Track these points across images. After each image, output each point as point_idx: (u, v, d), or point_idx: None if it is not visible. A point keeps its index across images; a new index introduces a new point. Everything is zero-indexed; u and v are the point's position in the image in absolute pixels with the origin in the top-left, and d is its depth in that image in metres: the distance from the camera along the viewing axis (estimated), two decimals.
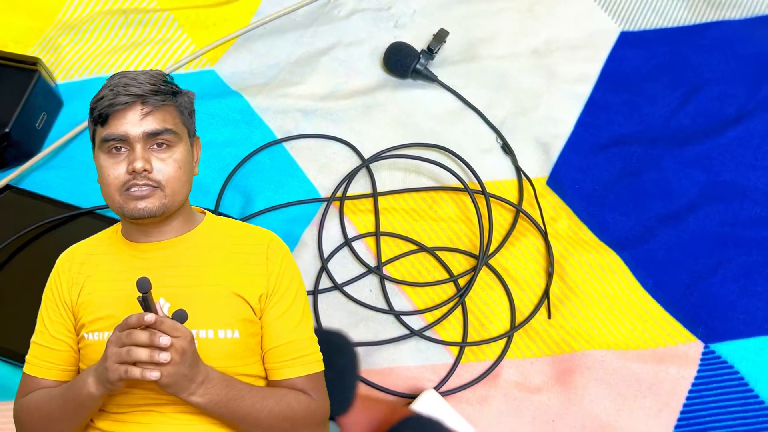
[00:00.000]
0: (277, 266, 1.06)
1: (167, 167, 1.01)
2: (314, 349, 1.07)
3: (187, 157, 1.05)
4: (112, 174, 1.01)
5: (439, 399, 1.26)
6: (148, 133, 1.00)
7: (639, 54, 1.69)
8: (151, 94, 1.01)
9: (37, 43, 1.75)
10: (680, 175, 1.55)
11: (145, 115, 1.00)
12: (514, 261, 1.46)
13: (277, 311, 1.05)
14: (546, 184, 1.55)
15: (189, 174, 1.06)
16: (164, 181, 1.01)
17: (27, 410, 1.03)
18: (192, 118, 1.10)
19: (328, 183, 1.54)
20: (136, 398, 0.99)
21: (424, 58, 1.64)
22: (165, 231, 1.06)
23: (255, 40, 1.73)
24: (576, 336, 1.38)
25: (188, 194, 1.07)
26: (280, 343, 1.04)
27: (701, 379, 1.34)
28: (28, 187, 1.54)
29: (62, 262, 1.10)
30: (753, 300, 1.40)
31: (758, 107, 1.62)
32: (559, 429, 1.31)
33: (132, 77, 1.02)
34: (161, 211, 1.01)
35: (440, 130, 1.60)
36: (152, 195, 1.00)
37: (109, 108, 1.00)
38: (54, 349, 1.05)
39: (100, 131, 1.02)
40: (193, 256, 1.05)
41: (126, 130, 1.00)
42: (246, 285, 1.03)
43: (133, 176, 1.00)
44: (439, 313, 1.41)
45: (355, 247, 1.47)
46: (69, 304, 1.05)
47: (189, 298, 1.01)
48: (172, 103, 1.04)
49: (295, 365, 1.04)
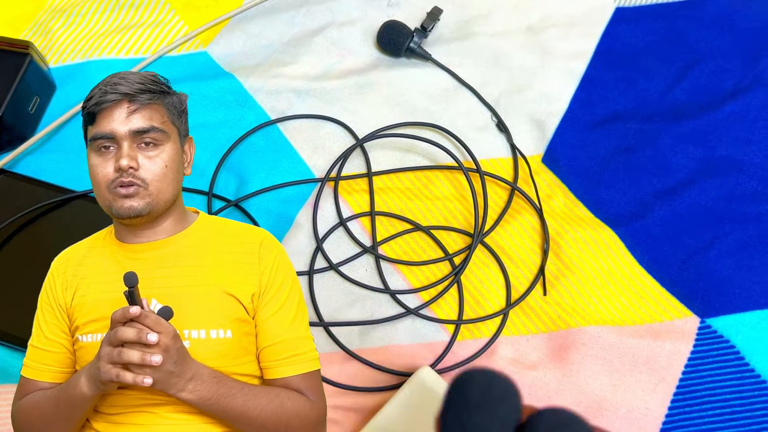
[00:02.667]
0: (269, 265, 1.06)
1: (153, 165, 1.02)
2: (310, 347, 1.07)
3: (175, 157, 1.05)
4: (101, 172, 1.02)
5: (435, 375, 1.26)
6: (135, 131, 1.01)
7: (634, 30, 1.68)
8: (138, 92, 1.02)
9: (29, 27, 1.74)
10: (676, 150, 1.54)
11: (132, 112, 1.01)
12: (510, 239, 1.46)
13: (271, 309, 1.05)
14: (541, 162, 1.54)
15: (177, 173, 1.06)
16: (149, 180, 1.01)
17: (24, 412, 1.03)
18: (183, 119, 1.10)
19: (323, 163, 1.53)
20: (131, 399, 1.00)
21: (417, 36, 1.63)
22: (157, 231, 1.07)
23: (248, 21, 1.72)
24: (572, 312, 1.38)
25: (177, 194, 1.07)
26: (274, 341, 1.04)
27: (697, 354, 1.34)
28: (22, 171, 1.54)
29: (57, 265, 1.10)
30: (748, 274, 1.40)
31: (755, 82, 1.61)
32: (556, 404, 1.31)
33: (122, 77, 1.03)
34: (147, 210, 1.02)
35: (435, 108, 1.60)
36: (137, 194, 1.01)
37: (97, 106, 1.01)
38: (50, 351, 1.06)
39: (90, 130, 1.04)
40: (185, 256, 1.05)
41: (113, 128, 1.01)
42: (238, 284, 1.03)
43: (119, 174, 1.00)
44: (434, 291, 1.41)
45: (350, 227, 1.47)
46: (64, 306, 1.05)
47: (181, 298, 1.01)
48: (160, 101, 1.05)
49: (289, 364, 1.04)
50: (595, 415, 1.31)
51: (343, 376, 1.35)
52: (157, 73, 1.08)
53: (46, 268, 1.12)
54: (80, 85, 1.64)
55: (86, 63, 1.67)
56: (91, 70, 1.66)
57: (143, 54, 1.68)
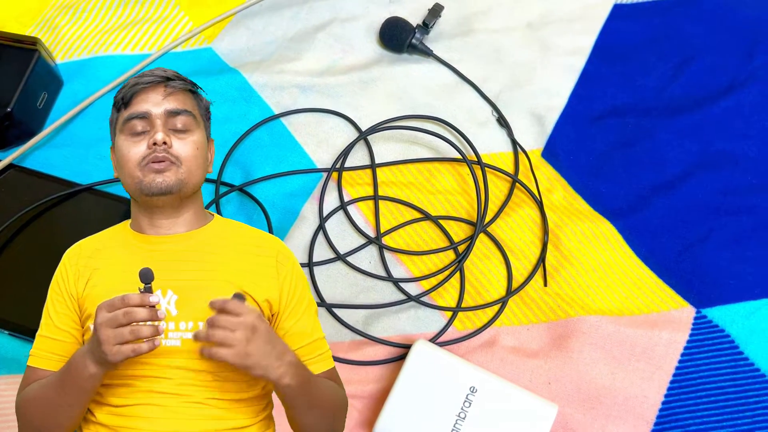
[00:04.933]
0: (288, 276, 1.09)
1: (186, 146, 1.05)
2: (327, 347, 1.12)
3: (203, 145, 1.09)
4: (132, 151, 1.04)
5: (432, 345, 1.31)
6: (170, 111, 1.05)
7: (632, 26, 1.71)
8: (174, 78, 1.07)
9: (36, 23, 1.76)
10: (673, 145, 1.57)
11: (168, 95, 1.05)
12: (510, 232, 1.49)
13: (294, 317, 1.09)
14: (541, 156, 1.57)
15: (204, 162, 1.09)
16: (182, 158, 1.04)
17: (29, 400, 1.02)
18: (207, 121, 1.14)
19: (327, 157, 1.56)
20: (137, 392, 1.00)
21: (419, 32, 1.65)
22: (176, 224, 1.09)
23: (252, 17, 1.74)
24: (571, 303, 1.41)
25: (202, 181, 1.10)
26: (301, 344, 1.08)
27: (693, 343, 1.38)
28: (30, 165, 1.56)
29: (69, 256, 1.11)
30: (743, 265, 1.43)
31: (750, 77, 1.64)
32: (555, 390, 1.35)
33: (157, 68, 1.09)
34: (178, 187, 1.04)
35: (436, 104, 1.62)
36: (169, 169, 1.03)
37: (134, 88, 1.05)
38: (59, 341, 1.06)
39: (123, 114, 1.06)
40: (202, 252, 1.07)
41: (148, 108, 1.04)
42: (254, 284, 1.06)
43: (153, 150, 1.03)
44: (436, 280, 1.45)
45: (354, 219, 1.50)
46: (75, 295, 1.06)
47: (197, 291, 1.02)
48: (192, 94, 1.10)
49: (316, 362, 1.09)
50: (594, 403, 1.34)
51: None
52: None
53: (54, 261, 1.13)
54: (87, 81, 1.66)
55: (93, 59, 1.69)
56: (98, 65, 1.68)
57: (149, 50, 1.71)
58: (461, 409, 1.25)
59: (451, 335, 1.40)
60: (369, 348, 1.40)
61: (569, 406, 1.34)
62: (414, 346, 1.30)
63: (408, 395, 1.27)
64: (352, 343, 1.41)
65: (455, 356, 1.31)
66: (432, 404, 1.26)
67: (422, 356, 1.29)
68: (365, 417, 1.36)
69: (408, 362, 1.29)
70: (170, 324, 1.01)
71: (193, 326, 1.01)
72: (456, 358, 1.30)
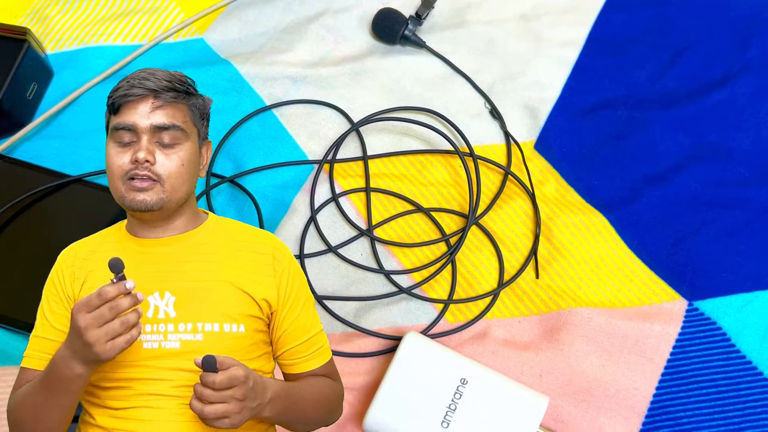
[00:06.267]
0: (285, 274, 1.09)
1: (170, 162, 1.04)
2: (325, 339, 1.13)
3: (192, 157, 1.07)
4: (117, 162, 1.03)
5: (423, 337, 1.31)
6: (156, 126, 1.03)
7: (626, 18, 1.70)
8: (164, 90, 1.04)
9: (26, 13, 1.75)
10: (666, 137, 1.57)
11: (156, 108, 1.04)
12: (502, 224, 1.49)
13: (293, 314, 1.09)
14: (534, 148, 1.56)
15: (192, 174, 1.08)
16: (165, 176, 1.03)
17: (20, 403, 1.01)
18: (205, 122, 1.12)
19: (318, 149, 1.55)
20: (136, 394, 1.00)
21: (412, 24, 1.64)
22: (170, 228, 1.08)
23: (244, 8, 1.73)
24: (563, 295, 1.41)
25: (190, 194, 1.09)
26: (300, 341, 1.09)
27: (685, 336, 1.38)
28: (20, 156, 1.55)
29: (64, 258, 1.10)
30: (735, 258, 1.43)
31: (743, 69, 1.63)
32: (547, 383, 1.35)
33: (151, 72, 1.06)
34: (159, 205, 1.03)
35: (429, 95, 1.62)
36: (151, 188, 1.02)
37: (123, 98, 1.04)
38: (55, 341, 1.05)
39: (113, 120, 1.05)
40: (198, 253, 1.07)
41: (135, 120, 1.03)
42: (251, 282, 1.06)
43: (135, 166, 1.02)
44: (427, 272, 1.44)
45: (346, 211, 1.49)
46: (72, 296, 1.06)
47: (194, 292, 1.03)
48: (184, 101, 1.07)
49: (314, 357, 1.10)
50: (585, 395, 1.34)
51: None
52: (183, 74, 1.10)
53: (44, 253, 1.13)
54: (77, 72, 1.65)
55: (83, 49, 1.68)
56: (88, 56, 1.67)
57: (140, 41, 1.70)
58: (452, 401, 1.25)
59: (443, 327, 1.40)
60: (360, 340, 1.40)
61: (561, 398, 1.34)
62: (405, 338, 1.30)
63: (399, 387, 1.27)
64: (343, 335, 1.41)
65: (446, 348, 1.30)
66: (423, 396, 1.26)
67: (413, 348, 1.29)
68: (356, 409, 1.36)
69: (399, 354, 1.29)
70: (169, 326, 1.01)
71: (192, 328, 1.01)
72: (447, 349, 1.30)
